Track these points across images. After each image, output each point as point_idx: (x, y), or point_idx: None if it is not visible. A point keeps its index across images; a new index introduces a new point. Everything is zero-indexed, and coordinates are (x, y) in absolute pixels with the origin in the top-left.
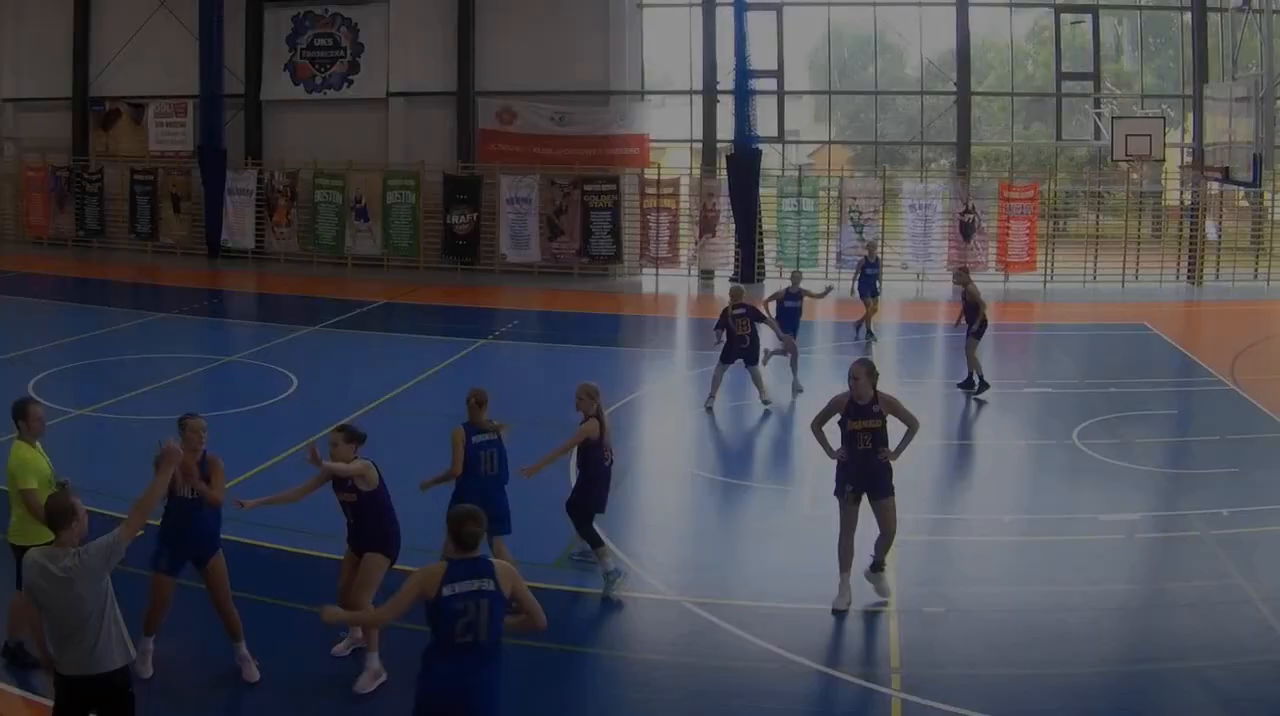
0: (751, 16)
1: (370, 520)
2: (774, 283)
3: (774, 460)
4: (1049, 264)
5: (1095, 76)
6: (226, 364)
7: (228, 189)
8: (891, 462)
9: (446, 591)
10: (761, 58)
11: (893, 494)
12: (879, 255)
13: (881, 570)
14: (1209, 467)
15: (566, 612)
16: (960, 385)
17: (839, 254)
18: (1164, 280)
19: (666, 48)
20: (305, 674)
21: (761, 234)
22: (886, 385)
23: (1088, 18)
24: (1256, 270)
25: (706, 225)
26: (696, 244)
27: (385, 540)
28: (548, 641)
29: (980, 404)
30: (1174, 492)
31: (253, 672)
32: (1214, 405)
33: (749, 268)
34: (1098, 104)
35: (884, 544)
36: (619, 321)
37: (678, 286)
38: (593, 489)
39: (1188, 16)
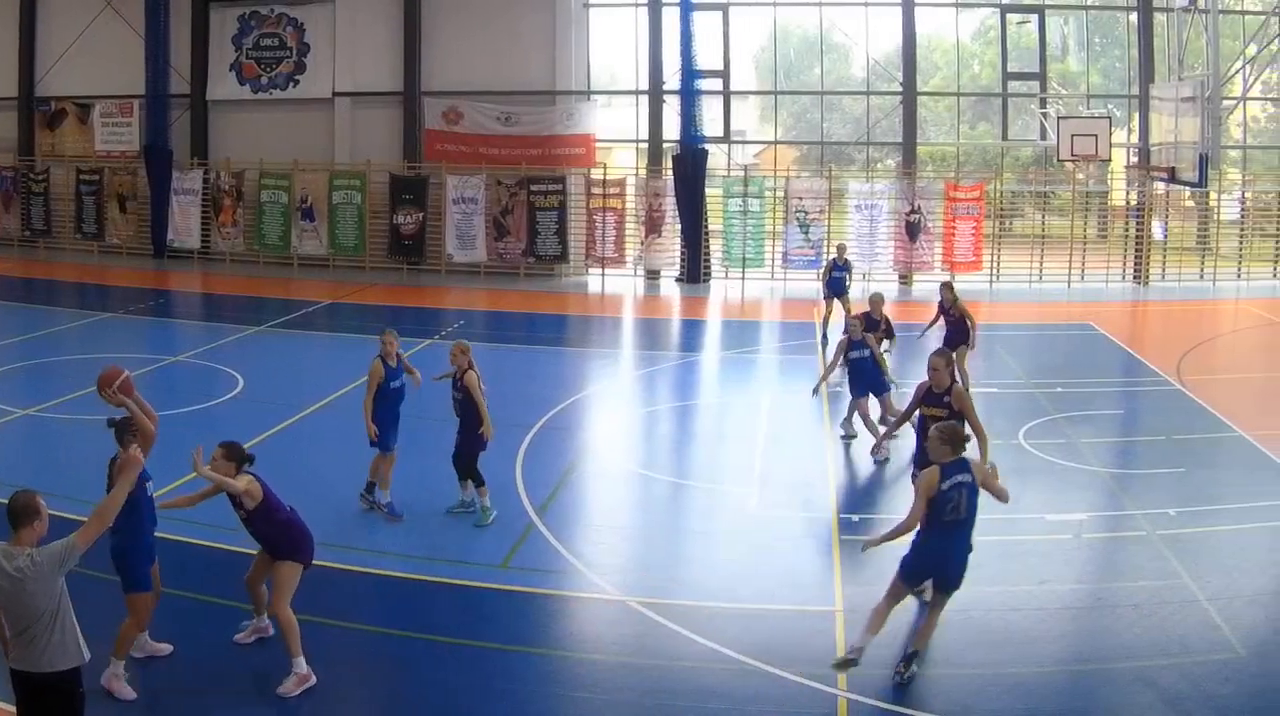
0: (697, 16)
1: (268, 534)
2: (719, 283)
3: (720, 460)
4: (995, 264)
5: (1041, 76)
6: (172, 364)
7: (174, 189)
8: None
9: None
10: (707, 58)
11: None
12: (848, 257)
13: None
14: (1155, 467)
15: (513, 613)
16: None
17: (785, 254)
18: (1110, 280)
19: (612, 48)
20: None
21: (707, 234)
22: (838, 385)
23: (1034, 18)
24: (1202, 270)
25: (652, 225)
26: (643, 244)
27: (293, 549)
28: (493, 641)
29: None
30: (1120, 492)
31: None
32: (1160, 405)
33: (695, 268)
34: (1044, 104)
35: None
36: (565, 321)
37: (624, 287)
38: (473, 438)
39: (1134, 16)
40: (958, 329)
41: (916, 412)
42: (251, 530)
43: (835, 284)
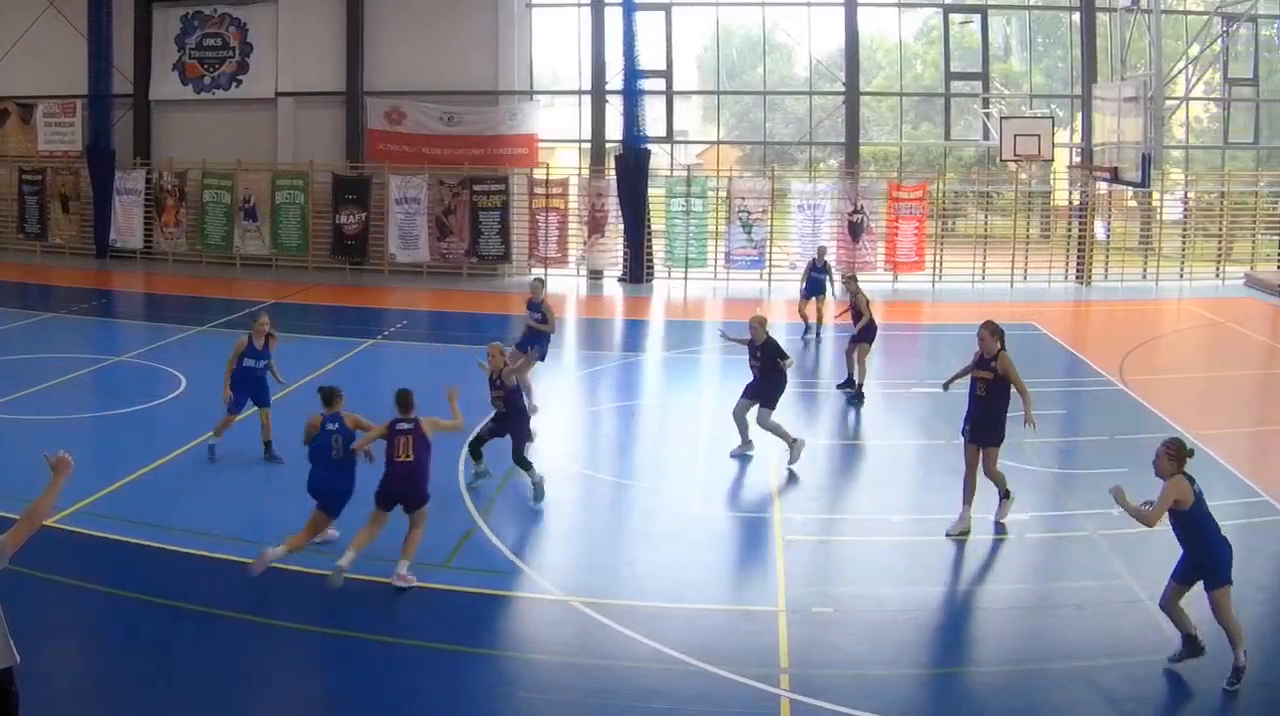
0: (640, 16)
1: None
2: (661, 283)
3: (663, 460)
4: (937, 264)
5: (984, 76)
6: (115, 364)
7: (116, 189)
8: (1031, 427)
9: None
10: (650, 57)
11: (994, 445)
12: (827, 259)
13: (1008, 498)
14: (1098, 467)
15: (456, 612)
16: (840, 386)
17: (728, 254)
18: (1053, 280)
19: (555, 47)
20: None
21: (650, 234)
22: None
23: (976, 18)
24: (1145, 270)
25: (595, 225)
26: (585, 244)
27: None
28: (436, 641)
29: (859, 406)
30: (1063, 493)
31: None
32: (1103, 405)
33: (637, 268)
34: (986, 104)
35: (997, 482)
36: (508, 321)
37: (567, 286)
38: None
39: (1076, 17)
40: (855, 319)
41: (969, 377)
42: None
43: (814, 285)
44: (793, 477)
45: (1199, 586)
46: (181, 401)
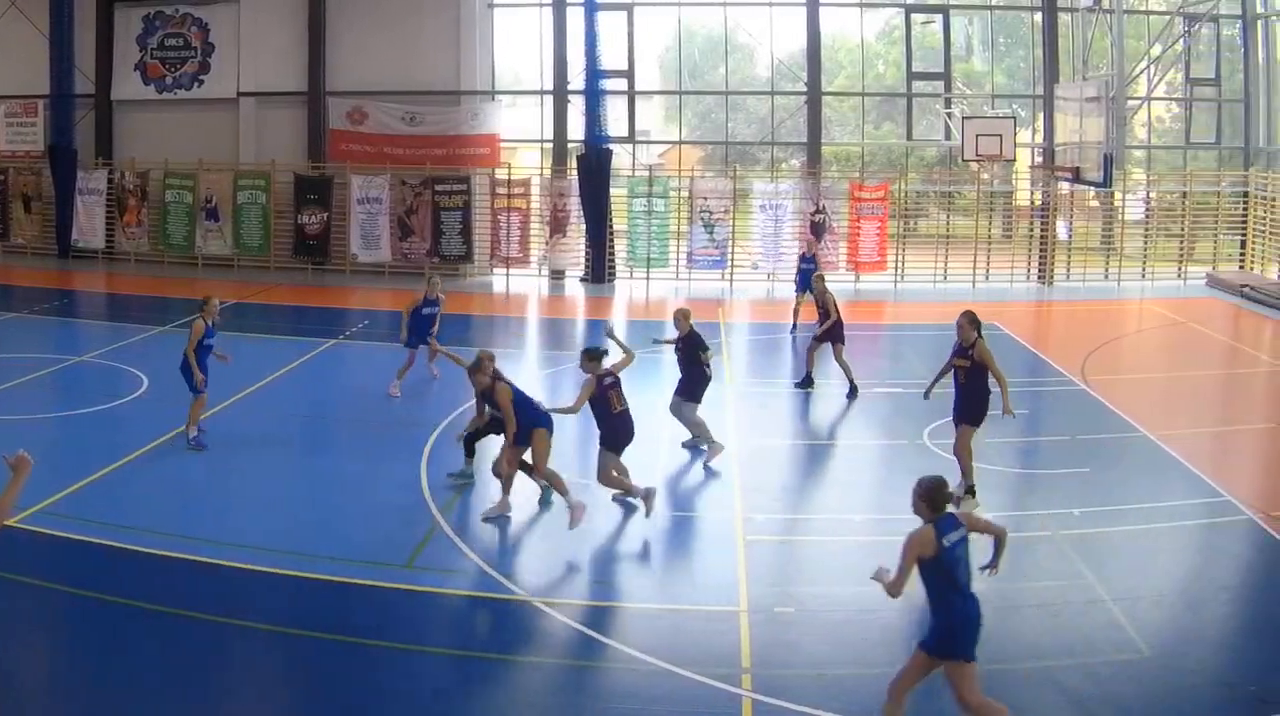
0: (602, 16)
1: None
2: (623, 283)
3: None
4: (899, 264)
5: (946, 76)
6: (77, 364)
7: (78, 189)
8: (1011, 416)
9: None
10: (612, 58)
11: (968, 423)
12: (815, 252)
13: (970, 495)
14: (1060, 468)
15: (417, 613)
16: (798, 384)
17: (689, 254)
18: (1014, 280)
19: (517, 48)
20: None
21: (612, 234)
22: (739, 384)
23: (938, 18)
24: (1107, 270)
25: (557, 225)
26: (547, 244)
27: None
28: (397, 641)
29: (822, 401)
30: (1025, 493)
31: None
32: (1065, 405)
33: (600, 268)
34: (948, 104)
35: (963, 467)
36: (469, 322)
37: (528, 287)
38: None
39: (1038, 17)
40: (823, 318)
41: (950, 364)
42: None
43: (804, 278)
44: (753, 477)
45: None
46: (143, 401)
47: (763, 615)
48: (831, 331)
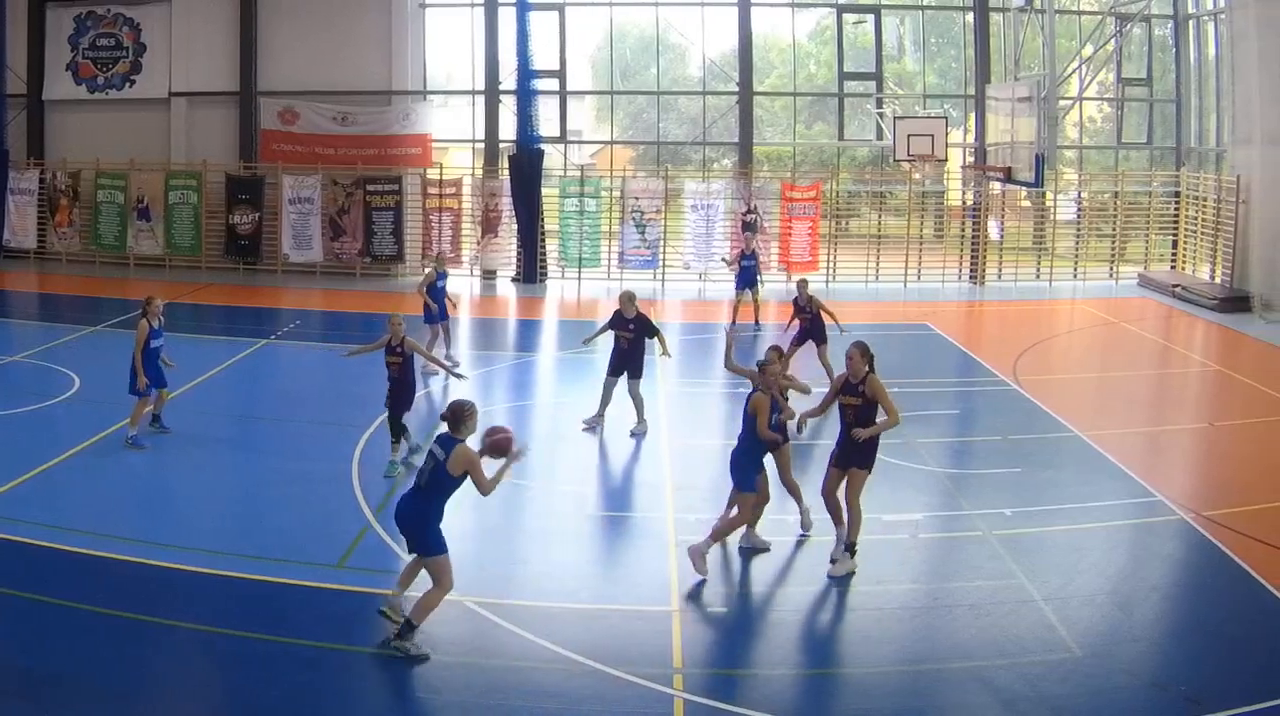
0: (533, 16)
1: None
2: (555, 283)
3: (556, 460)
4: (831, 264)
5: (878, 77)
6: (8, 364)
7: (10, 189)
8: (860, 439)
9: None
10: (544, 58)
11: (864, 468)
12: (755, 247)
13: (851, 553)
14: (992, 467)
15: (349, 613)
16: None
17: (621, 254)
18: (946, 280)
19: (448, 48)
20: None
21: (544, 234)
22: (671, 384)
23: (870, 18)
24: (1039, 270)
25: (489, 225)
26: (479, 244)
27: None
28: (329, 641)
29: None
30: (957, 493)
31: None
32: (996, 405)
33: (531, 268)
34: (880, 104)
35: (852, 522)
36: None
37: (460, 287)
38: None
39: (970, 17)
40: (815, 325)
41: (835, 402)
42: None
43: (745, 275)
44: (686, 477)
45: None
46: (75, 401)
47: (695, 615)
48: (809, 332)
